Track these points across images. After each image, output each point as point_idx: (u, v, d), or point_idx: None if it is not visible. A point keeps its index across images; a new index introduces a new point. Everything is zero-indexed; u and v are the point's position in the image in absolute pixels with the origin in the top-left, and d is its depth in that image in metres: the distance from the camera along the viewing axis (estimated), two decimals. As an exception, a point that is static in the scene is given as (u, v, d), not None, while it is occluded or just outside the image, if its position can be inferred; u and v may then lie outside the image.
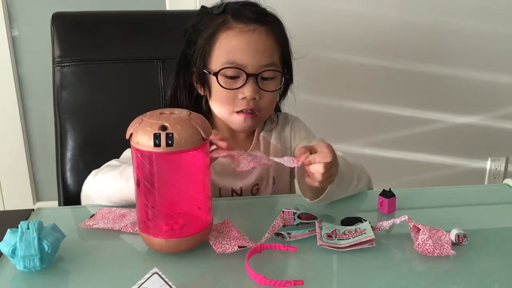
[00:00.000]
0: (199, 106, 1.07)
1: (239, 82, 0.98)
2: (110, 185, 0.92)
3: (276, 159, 0.80)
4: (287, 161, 0.80)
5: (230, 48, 0.99)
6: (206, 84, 1.03)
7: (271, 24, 1.01)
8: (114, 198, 0.91)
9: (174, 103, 1.08)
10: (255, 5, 1.02)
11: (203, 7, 1.06)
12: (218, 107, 1.03)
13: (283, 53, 1.03)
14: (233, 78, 0.98)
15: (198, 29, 1.03)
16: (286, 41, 1.05)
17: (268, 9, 1.04)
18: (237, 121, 1.01)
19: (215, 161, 0.99)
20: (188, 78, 1.06)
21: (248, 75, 0.97)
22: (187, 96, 1.07)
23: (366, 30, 2.06)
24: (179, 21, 1.30)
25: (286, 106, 1.19)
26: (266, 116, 1.06)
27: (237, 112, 1.00)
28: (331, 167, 0.81)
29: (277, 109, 1.17)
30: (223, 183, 1.04)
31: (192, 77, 1.06)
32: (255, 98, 0.98)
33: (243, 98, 0.98)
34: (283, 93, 1.10)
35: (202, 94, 1.05)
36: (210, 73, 1.00)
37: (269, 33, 1.00)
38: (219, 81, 0.98)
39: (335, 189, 0.88)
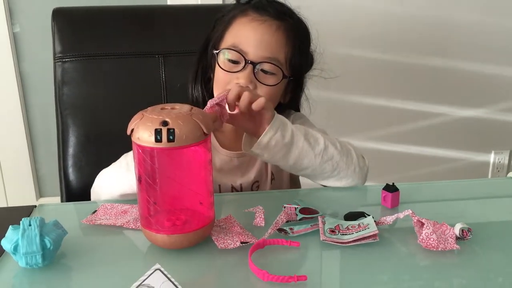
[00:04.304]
0: (207, 88, 1.08)
1: (238, 68, 0.98)
2: (117, 179, 0.93)
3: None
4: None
5: (238, 33, 1.00)
6: (213, 66, 1.04)
7: (286, 22, 1.00)
8: (122, 190, 0.92)
9: (192, 87, 1.09)
10: (282, 4, 1.03)
11: None
12: (214, 89, 1.03)
13: (293, 56, 1.01)
14: (234, 62, 0.99)
15: (224, 15, 1.05)
16: (301, 47, 1.03)
17: (300, 17, 1.04)
18: None
19: (215, 159, 0.99)
20: (204, 60, 1.08)
21: (247, 62, 0.97)
22: (202, 78, 1.08)
23: (369, 24, 2.05)
24: (180, 16, 1.30)
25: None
26: None
27: None
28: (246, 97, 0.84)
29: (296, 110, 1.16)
30: (223, 180, 1.04)
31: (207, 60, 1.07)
32: (249, 87, 0.97)
33: (237, 83, 0.98)
34: (293, 100, 1.10)
35: (211, 78, 1.06)
36: (214, 51, 1.02)
37: (280, 29, 0.99)
38: (219, 61, 1.00)
39: (279, 139, 0.87)
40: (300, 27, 1.04)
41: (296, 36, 1.02)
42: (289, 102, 1.09)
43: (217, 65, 1.01)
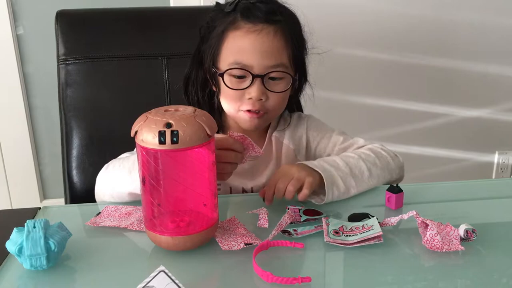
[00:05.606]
0: (212, 102, 1.07)
1: (246, 82, 0.97)
2: (116, 178, 0.93)
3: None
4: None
5: (237, 48, 0.98)
6: (216, 82, 1.02)
7: (280, 23, 0.98)
8: (119, 191, 0.92)
9: (185, 98, 1.08)
10: (267, 2, 1.00)
11: (217, 3, 1.05)
12: (225, 105, 1.02)
13: (294, 52, 1.00)
14: (240, 77, 0.98)
15: (211, 26, 1.02)
16: (299, 39, 1.03)
17: (285, 6, 1.02)
18: (244, 119, 1.00)
19: None
20: (201, 74, 1.06)
21: (254, 76, 0.96)
22: (199, 91, 1.06)
23: (372, 24, 2.05)
24: (183, 17, 1.30)
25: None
26: (274, 116, 1.05)
27: (244, 110, 1.00)
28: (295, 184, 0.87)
29: (299, 107, 1.16)
30: (234, 183, 1.04)
31: (206, 73, 1.05)
32: (261, 99, 0.97)
33: (249, 99, 0.97)
34: (298, 91, 1.09)
35: (215, 90, 1.05)
36: (217, 72, 1.00)
37: (277, 33, 0.98)
38: (225, 81, 0.98)
39: (335, 194, 0.91)
40: (292, 21, 1.03)
41: (293, 34, 1.01)
42: (295, 94, 1.09)
43: (223, 84, 0.99)
